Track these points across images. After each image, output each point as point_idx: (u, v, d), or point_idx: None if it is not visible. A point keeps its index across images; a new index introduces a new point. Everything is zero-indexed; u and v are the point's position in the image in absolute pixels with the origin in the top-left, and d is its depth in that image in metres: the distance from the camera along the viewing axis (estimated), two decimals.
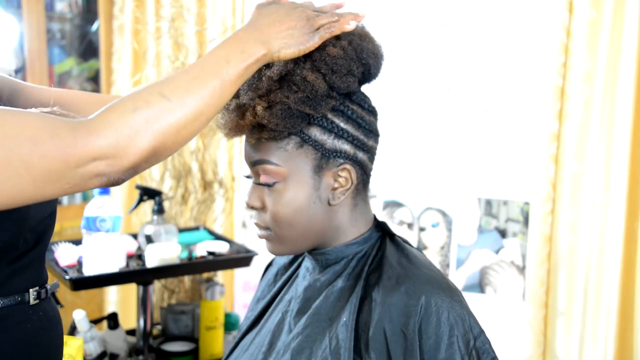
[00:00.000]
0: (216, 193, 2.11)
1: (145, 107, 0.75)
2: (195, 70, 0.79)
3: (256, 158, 0.89)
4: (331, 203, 0.90)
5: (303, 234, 0.91)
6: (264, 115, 0.85)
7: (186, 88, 0.77)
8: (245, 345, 1.01)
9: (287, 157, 0.88)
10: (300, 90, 0.85)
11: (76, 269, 1.53)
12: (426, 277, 0.88)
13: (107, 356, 1.59)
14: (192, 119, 0.77)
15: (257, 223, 0.93)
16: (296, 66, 0.86)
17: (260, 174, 0.89)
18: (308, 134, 0.87)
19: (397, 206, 2.16)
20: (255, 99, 0.86)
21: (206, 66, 0.79)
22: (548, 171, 1.89)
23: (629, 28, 1.73)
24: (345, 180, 0.90)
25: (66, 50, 2.90)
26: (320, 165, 0.89)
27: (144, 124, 0.74)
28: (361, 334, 0.86)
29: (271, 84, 0.86)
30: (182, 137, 0.78)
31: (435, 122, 2.08)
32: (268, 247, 0.95)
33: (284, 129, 0.85)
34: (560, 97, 1.86)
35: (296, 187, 0.88)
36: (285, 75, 0.86)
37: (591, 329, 1.85)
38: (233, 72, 0.79)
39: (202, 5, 2.42)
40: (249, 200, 0.92)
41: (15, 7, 2.57)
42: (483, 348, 0.84)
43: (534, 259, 1.94)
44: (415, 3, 2.08)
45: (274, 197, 0.89)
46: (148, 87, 0.78)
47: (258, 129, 0.87)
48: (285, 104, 0.84)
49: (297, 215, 0.89)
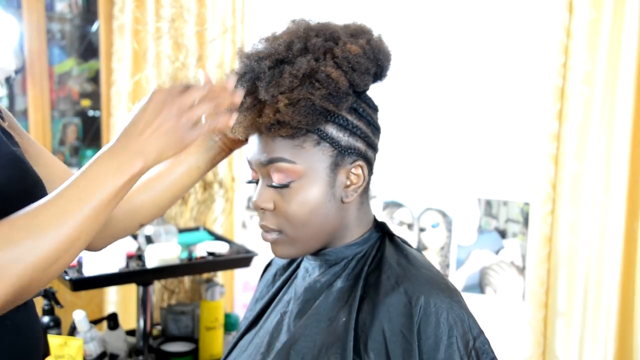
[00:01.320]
0: (216, 193, 2.11)
1: (10, 245, 0.69)
2: (68, 195, 0.73)
3: (270, 157, 0.87)
4: (344, 200, 0.90)
5: (316, 234, 0.90)
6: (286, 111, 0.83)
7: (58, 217, 0.71)
8: (243, 346, 1.01)
9: (304, 154, 0.87)
10: (324, 87, 0.84)
11: (76, 269, 1.53)
12: (425, 278, 0.88)
13: (107, 356, 1.59)
14: (64, 251, 0.72)
15: (265, 225, 0.90)
16: (319, 63, 0.86)
17: (273, 174, 0.87)
18: (325, 131, 0.87)
19: (397, 207, 2.16)
20: (277, 96, 0.85)
21: (80, 188, 0.73)
22: (548, 171, 1.89)
23: (629, 28, 1.73)
24: (357, 178, 0.91)
25: (66, 51, 2.90)
26: (336, 162, 0.88)
27: (8, 264, 0.69)
28: (360, 334, 0.85)
29: (293, 81, 0.85)
30: (52, 272, 0.73)
31: (435, 122, 2.08)
32: (276, 251, 0.92)
33: (306, 125, 0.84)
34: (560, 97, 1.86)
35: (312, 185, 0.87)
36: (309, 72, 0.85)
37: (591, 329, 1.85)
38: (110, 192, 0.74)
39: (202, 5, 2.42)
40: (259, 202, 0.89)
41: (15, 7, 2.57)
42: (482, 348, 0.84)
43: (533, 259, 1.93)
44: (415, 3, 2.08)
45: (288, 196, 0.87)
46: (18, 219, 0.72)
47: (276, 126, 0.85)
48: (310, 101, 0.84)
49: (313, 215, 0.88)
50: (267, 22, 2.36)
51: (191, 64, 2.10)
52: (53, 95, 2.82)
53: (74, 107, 2.95)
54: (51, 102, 2.73)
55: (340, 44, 0.87)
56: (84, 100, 2.95)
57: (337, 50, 0.86)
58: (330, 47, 0.87)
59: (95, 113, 2.95)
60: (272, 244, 0.92)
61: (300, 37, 0.88)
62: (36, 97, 2.60)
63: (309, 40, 0.88)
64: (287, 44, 0.88)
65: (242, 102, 0.87)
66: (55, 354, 1.43)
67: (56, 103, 2.88)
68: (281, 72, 0.86)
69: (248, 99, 0.88)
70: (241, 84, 0.88)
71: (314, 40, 0.87)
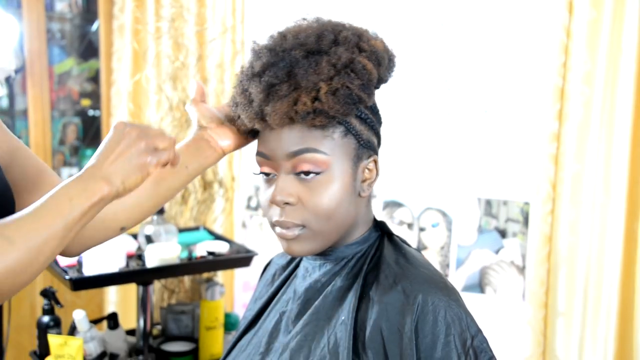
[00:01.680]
0: (216, 193, 2.11)
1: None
2: (39, 212, 0.77)
3: (301, 147, 0.85)
4: (361, 195, 0.91)
5: (338, 227, 0.89)
6: (326, 99, 0.83)
7: (28, 231, 0.75)
8: (243, 346, 1.01)
9: (333, 145, 0.86)
10: (359, 78, 0.85)
11: (76, 269, 1.54)
12: (423, 277, 0.88)
13: (107, 356, 1.59)
14: (31, 261, 0.75)
15: (287, 221, 0.87)
16: (354, 54, 0.86)
17: (302, 164, 0.85)
18: (351, 123, 0.88)
19: (397, 206, 2.16)
20: (318, 83, 0.84)
21: (50, 206, 0.77)
22: (548, 171, 1.89)
23: (629, 28, 1.73)
24: (370, 172, 0.92)
25: (66, 50, 2.90)
26: (358, 155, 0.89)
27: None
28: (359, 332, 0.85)
29: (331, 71, 0.85)
30: (19, 281, 0.76)
31: (435, 122, 2.08)
32: (295, 248, 0.89)
33: (341, 114, 0.85)
34: (560, 97, 1.86)
35: (339, 177, 0.87)
36: (347, 62, 0.86)
37: (591, 329, 1.85)
38: (76, 213, 0.77)
39: (202, 5, 2.42)
40: (283, 196, 0.86)
41: (15, 7, 2.57)
42: (480, 347, 0.84)
43: (533, 259, 1.93)
44: (415, 3, 2.08)
45: (315, 188, 0.86)
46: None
47: (312, 114, 0.84)
48: (349, 89, 0.84)
49: (338, 207, 0.87)
50: (267, 22, 2.36)
51: (191, 64, 2.10)
52: (53, 95, 2.82)
53: (73, 106, 2.95)
54: (51, 101, 2.73)
55: (364, 39, 0.88)
56: (84, 100, 2.95)
57: (364, 44, 0.88)
58: (357, 42, 0.88)
59: (95, 113, 2.95)
60: (290, 242, 0.89)
61: (329, 30, 0.88)
62: (36, 96, 2.60)
63: (339, 33, 0.88)
64: (317, 35, 0.87)
65: (276, 90, 0.85)
66: (55, 353, 1.43)
67: (56, 103, 2.88)
68: (316, 62, 0.85)
69: (284, 85, 0.85)
70: (271, 73, 0.86)
71: (345, 33, 0.88)
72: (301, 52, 0.86)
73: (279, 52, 0.87)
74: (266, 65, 0.87)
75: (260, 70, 0.87)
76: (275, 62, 0.86)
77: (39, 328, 1.55)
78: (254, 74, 0.88)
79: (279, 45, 0.88)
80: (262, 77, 0.86)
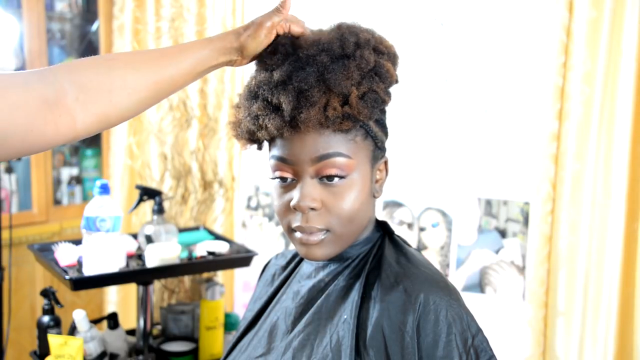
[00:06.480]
0: (216, 193, 2.11)
1: None
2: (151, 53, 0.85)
3: (328, 151, 0.85)
4: (375, 196, 0.92)
5: (357, 230, 0.90)
6: (356, 104, 0.84)
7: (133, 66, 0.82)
8: (243, 346, 1.01)
9: (356, 149, 0.87)
10: (382, 81, 0.87)
11: (76, 269, 1.54)
12: (424, 276, 0.88)
13: (107, 356, 1.59)
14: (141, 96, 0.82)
15: (312, 226, 0.85)
16: (378, 57, 0.88)
17: (328, 169, 0.85)
18: (370, 126, 0.89)
19: (397, 206, 2.16)
20: (350, 88, 0.84)
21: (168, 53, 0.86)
22: (548, 171, 1.89)
23: (629, 28, 1.73)
24: (381, 173, 0.94)
25: (66, 50, 2.90)
26: (375, 157, 0.91)
27: None
28: (360, 331, 0.86)
29: (360, 75, 0.85)
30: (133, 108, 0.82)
31: (435, 122, 2.08)
32: (316, 253, 0.88)
33: (368, 118, 0.86)
34: (560, 97, 1.86)
35: (360, 180, 0.88)
36: (373, 66, 0.87)
37: (591, 329, 1.85)
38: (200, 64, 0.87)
39: (202, 5, 2.42)
40: (308, 201, 0.85)
41: (15, 7, 2.57)
42: (481, 346, 0.84)
43: (533, 259, 1.93)
44: (415, 3, 2.08)
45: (338, 193, 0.86)
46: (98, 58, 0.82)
47: (340, 119, 0.84)
48: (376, 93, 0.86)
49: (360, 210, 0.88)
50: None
51: None
52: None
53: None
54: None
55: (379, 41, 0.90)
56: None
57: (381, 46, 0.89)
58: (375, 44, 0.89)
59: None
60: (312, 247, 0.88)
61: (349, 32, 0.88)
62: None
63: (360, 35, 0.88)
64: (340, 39, 0.87)
65: (307, 96, 0.83)
66: (55, 353, 1.43)
67: None
68: (345, 66, 0.85)
69: (314, 91, 0.84)
70: (300, 79, 0.84)
71: (364, 35, 0.88)
72: (327, 57, 0.85)
73: (303, 58, 0.86)
74: (291, 72, 0.85)
75: (284, 77, 0.85)
76: (302, 68, 0.85)
77: (39, 328, 1.55)
78: (278, 82, 0.86)
79: (302, 52, 0.86)
80: (289, 84, 0.84)
